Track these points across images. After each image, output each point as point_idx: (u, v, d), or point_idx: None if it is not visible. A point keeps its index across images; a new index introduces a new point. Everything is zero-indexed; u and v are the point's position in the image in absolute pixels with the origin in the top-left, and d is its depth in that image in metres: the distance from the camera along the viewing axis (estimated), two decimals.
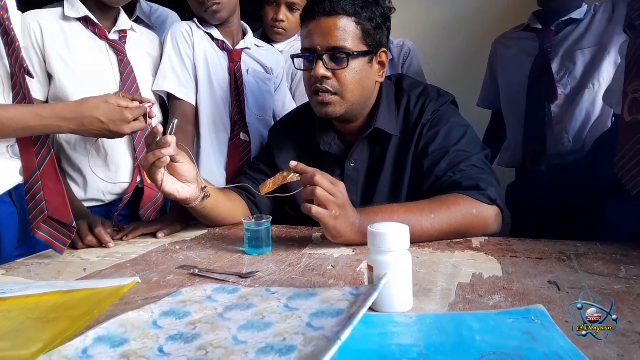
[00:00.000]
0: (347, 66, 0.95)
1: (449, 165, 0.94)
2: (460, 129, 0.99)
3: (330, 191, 0.79)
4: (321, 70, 0.95)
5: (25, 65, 0.88)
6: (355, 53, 0.95)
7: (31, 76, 0.90)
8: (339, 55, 0.95)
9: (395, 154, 1.03)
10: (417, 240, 0.85)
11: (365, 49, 0.97)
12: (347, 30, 0.94)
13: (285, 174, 0.84)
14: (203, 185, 0.93)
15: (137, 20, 1.46)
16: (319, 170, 0.81)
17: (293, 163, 0.82)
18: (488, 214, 0.89)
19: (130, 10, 1.49)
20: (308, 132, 1.10)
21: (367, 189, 1.06)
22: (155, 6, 1.57)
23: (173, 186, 0.87)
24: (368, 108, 1.04)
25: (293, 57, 1.04)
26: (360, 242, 0.84)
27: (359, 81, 0.98)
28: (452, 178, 0.93)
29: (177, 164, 0.85)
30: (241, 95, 1.32)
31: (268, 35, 1.59)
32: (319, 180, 0.79)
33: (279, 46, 1.56)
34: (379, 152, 1.04)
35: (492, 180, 0.92)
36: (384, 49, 1.01)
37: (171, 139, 0.81)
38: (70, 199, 1.08)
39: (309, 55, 0.98)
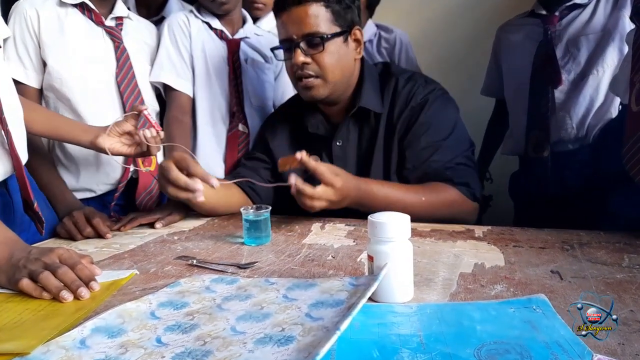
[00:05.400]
0: (323, 49, 0.99)
1: (439, 158, 1.00)
2: (449, 123, 1.04)
3: (331, 169, 0.88)
4: (300, 57, 0.99)
5: None
6: (330, 35, 0.99)
7: None
8: (314, 41, 0.99)
9: (384, 134, 1.06)
10: (404, 207, 0.81)
11: (338, 29, 1.01)
12: (318, 16, 0.98)
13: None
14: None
15: (162, 20, 1.42)
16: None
17: (298, 154, 0.87)
18: (472, 209, 1.00)
19: (157, 9, 1.47)
20: (298, 117, 1.14)
21: (360, 169, 1.07)
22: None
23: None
24: (351, 87, 1.07)
25: (272, 49, 1.08)
26: (357, 200, 0.91)
27: (337, 61, 1.02)
28: (441, 174, 0.98)
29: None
30: (240, 85, 1.30)
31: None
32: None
33: (264, 25, 1.51)
34: (368, 132, 1.08)
35: (476, 178, 1.02)
36: (357, 27, 1.05)
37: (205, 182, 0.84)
38: (62, 190, 1.08)
39: (287, 45, 1.02)
